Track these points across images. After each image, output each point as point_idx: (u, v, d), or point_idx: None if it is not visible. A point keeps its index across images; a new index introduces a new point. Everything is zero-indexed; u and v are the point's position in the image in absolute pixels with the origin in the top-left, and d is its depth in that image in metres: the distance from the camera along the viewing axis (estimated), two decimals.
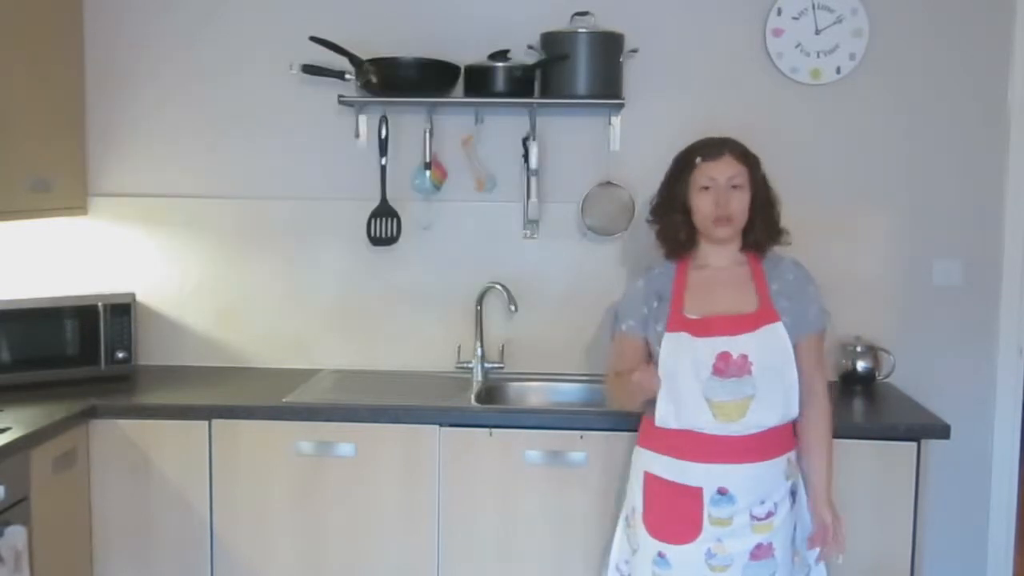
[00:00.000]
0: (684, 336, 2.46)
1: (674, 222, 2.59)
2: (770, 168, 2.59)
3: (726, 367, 2.42)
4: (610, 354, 2.74)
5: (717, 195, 2.50)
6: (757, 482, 2.44)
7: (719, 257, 2.57)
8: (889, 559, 2.80)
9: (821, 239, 3.24)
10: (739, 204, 2.51)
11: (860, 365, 3.22)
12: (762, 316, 2.46)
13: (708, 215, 2.51)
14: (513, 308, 3.26)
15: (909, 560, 2.81)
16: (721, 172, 2.50)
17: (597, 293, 3.33)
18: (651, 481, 2.52)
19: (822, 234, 3.25)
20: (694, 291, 2.54)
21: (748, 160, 2.54)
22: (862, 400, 3.11)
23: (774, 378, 2.44)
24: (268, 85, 3.38)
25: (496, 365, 3.34)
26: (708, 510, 2.43)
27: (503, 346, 3.37)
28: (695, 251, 2.60)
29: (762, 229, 2.55)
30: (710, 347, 2.43)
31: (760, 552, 2.44)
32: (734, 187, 2.50)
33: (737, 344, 2.42)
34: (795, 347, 2.48)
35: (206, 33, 3.40)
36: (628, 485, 2.62)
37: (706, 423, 2.43)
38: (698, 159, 2.54)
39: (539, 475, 2.88)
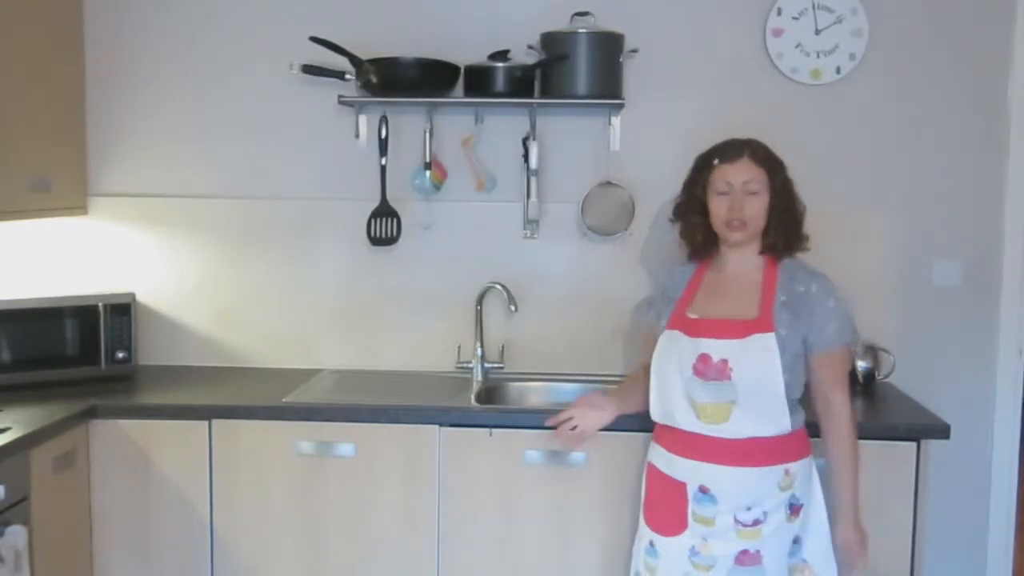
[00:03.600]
0: (677, 334, 2.50)
1: (692, 223, 2.60)
2: None
3: (705, 369, 2.43)
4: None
5: (732, 199, 2.49)
6: (742, 487, 2.43)
7: (737, 261, 2.56)
8: (889, 559, 2.79)
9: (821, 239, 3.21)
10: (753, 209, 2.49)
11: (860, 365, 3.21)
12: (757, 325, 2.45)
13: (722, 218, 2.51)
14: (513, 308, 3.26)
15: (909, 560, 2.80)
16: (737, 176, 2.49)
17: (597, 293, 3.33)
18: (651, 471, 2.60)
19: (822, 234, 3.21)
20: (704, 292, 2.56)
21: (768, 164, 2.52)
22: (862, 400, 3.10)
23: (757, 388, 2.42)
24: (268, 85, 3.38)
25: (496, 365, 3.34)
26: (692, 507, 2.46)
27: (503, 346, 3.37)
28: (716, 253, 2.60)
29: (779, 234, 2.54)
30: (694, 347, 2.45)
31: (746, 559, 2.43)
32: (750, 192, 2.49)
33: (719, 348, 2.42)
34: (810, 362, 2.49)
35: (206, 33, 3.40)
36: None
37: (691, 422, 2.46)
38: (715, 160, 2.53)
39: (539, 475, 2.88)
